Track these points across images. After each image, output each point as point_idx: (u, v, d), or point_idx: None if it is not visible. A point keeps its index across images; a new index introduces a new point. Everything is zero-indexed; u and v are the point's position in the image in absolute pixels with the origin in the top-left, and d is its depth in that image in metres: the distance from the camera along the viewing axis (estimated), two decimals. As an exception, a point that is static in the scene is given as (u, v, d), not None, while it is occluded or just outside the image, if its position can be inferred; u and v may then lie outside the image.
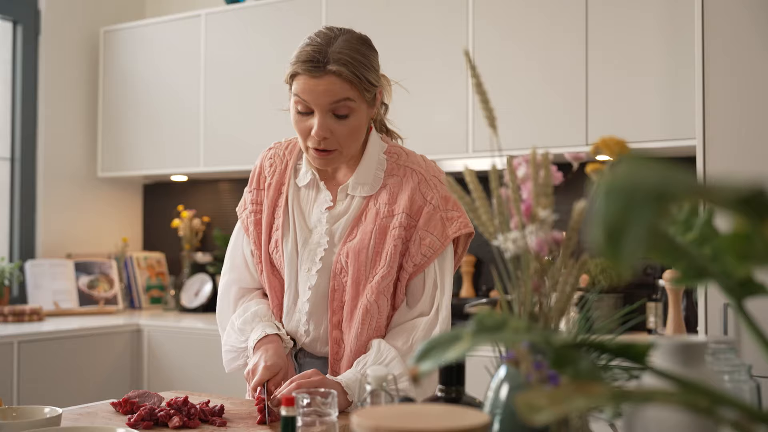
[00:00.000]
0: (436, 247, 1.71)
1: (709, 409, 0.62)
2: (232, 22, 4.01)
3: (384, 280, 1.70)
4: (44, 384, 3.43)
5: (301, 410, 1.24)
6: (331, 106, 1.66)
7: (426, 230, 1.71)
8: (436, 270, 1.73)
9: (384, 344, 1.69)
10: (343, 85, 1.64)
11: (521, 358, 0.87)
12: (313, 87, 1.64)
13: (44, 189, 4.24)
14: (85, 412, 1.61)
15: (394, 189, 1.74)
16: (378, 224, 1.72)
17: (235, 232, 1.92)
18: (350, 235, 1.74)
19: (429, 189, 1.73)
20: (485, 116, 0.98)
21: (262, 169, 1.88)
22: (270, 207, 1.82)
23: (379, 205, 1.74)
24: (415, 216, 1.72)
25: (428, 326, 1.71)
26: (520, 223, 0.95)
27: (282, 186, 1.83)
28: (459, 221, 1.73)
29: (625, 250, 0.43)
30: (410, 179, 1.74)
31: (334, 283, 1.74)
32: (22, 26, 4.20)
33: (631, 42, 3.03)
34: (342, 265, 1.73)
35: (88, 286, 4.17)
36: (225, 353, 1.85)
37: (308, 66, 1.64)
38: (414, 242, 1.71)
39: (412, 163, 1.78)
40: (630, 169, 0.46)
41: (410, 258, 1.72)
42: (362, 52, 1.70)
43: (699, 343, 0.83)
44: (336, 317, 1.74)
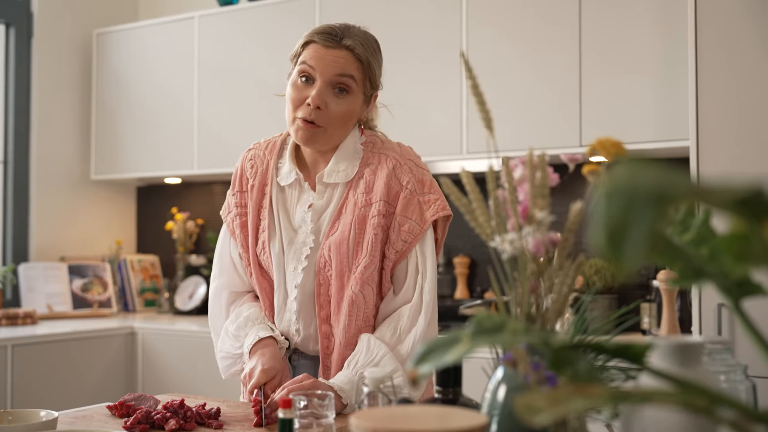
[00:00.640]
0: (416, 232, 1.72)
1: (708, 409, 0.62)
2: (226, 24, 4.01)
3: (367, 269, 1.71)
4: (39, 387, 3.42)
5: (299, 412, 1.24)
6: (335, 78, 1.70)
7: (404, 216, 1.71)
8: (417, 255, 1.73)
9: (373, 340, 1.69)
10: (353, 62, 1.71)
11: (519, 360, 0.87)
12: (324, 55, 1.70)
13: (37, 192, 4.23)
14: (81, 416, 1.61)
15: (369, 178, 1.75)
16: (357, 214, 1.73)
17: (221, 235, 1.92)
18: (332, 229, 1.75)
19: (404, 173, 1.74)
20: (482, 118, 0.99)
21: (243, 171, 1.87)
22: (255, 209, 1.82)
23: (357, 196, 1.74)
24: (393, 202, 1.72)
25: (413, 313, 1.71)
26: (517, 224, 0.95)
27: (265, 186, 1.83)
28: (437, 204, 1.74)
29: (627, 252, 0.44)
30: (385, 165, 1.75)
31: (319, 278, 1.74)
32: (15, 29, 4.19)
33: (625, 43, 3.04)
34: (326, 259, 1.73)
35: (81, 289, 4.16)
36: (221, 360, 1.85)
37: (325, 36, 1.71)
38: (393, 229, 1.72)
39: (386, 149, 1.78)
40: (630, 171, 0.46)
41: (391, 245, 1.72)
42: (375, 47, 1.78)
43: (696, 343, 0.84)
44: (324, 311, 1.75)
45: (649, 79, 2.99)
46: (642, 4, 3.01)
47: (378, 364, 1.65)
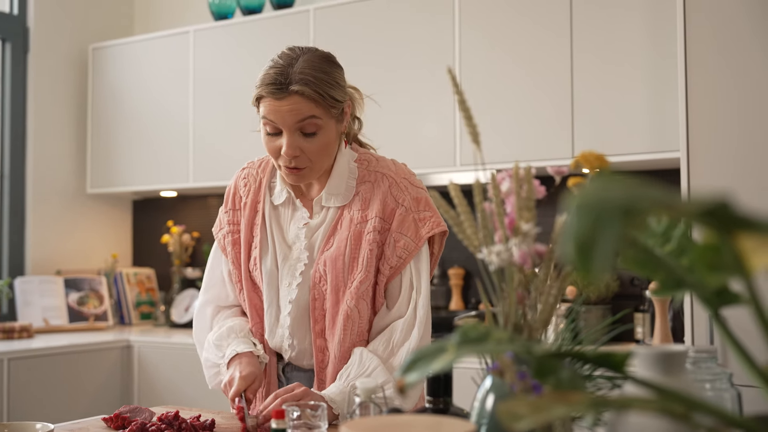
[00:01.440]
0: (411, 249, 1.74)
1: (685, 416, 0.64)
2: (221, 38, 4.03)
3: (362, 284, 1.73)
4: (35, 401, 3.43)
5: (291, 423, 1.25)
6: (297, 125, 1.68)
7: (399, 232, 1.74)
8: (412, 271, 1.76)
9: (365, 353, 1.71)
10: (307, 104, 1.67)
11: (505, 369, 0.89)
12: (278, 108, 1.68)
13: (33, 206, 4.25)
14: (77, 428, 1.62)
15: (366, 195, 1.77)
16: (352, 231, 1.75)
17: (213, 253, 1.95)
18: (327, 245, 1.77)
19: (400, 191, 1.76)
20: (469, 132, 1.01)
21: (236, 190, 1.91)
22: (247, 225, 1.85)
23: (352, 212, 1.77)
24: (388, 219, 1.75)
25: (406, 328, 1.73)
26: (504, 236, 0.97)
27: (257, 204, 1.86)
28: (431, 221, 1.76)
29: (596, 262, 0.45)
30: (381, 183, 1.77)
31: (314, 293, 1.76)
32: (11, 44, 4.21)
33: (616, 55, 3.07)
34: (321, 274, 1.76)
35: (77, 302, 4.17)
36: (207, 369, 1.87)
37: (272, 88, 1.68)
38: (389, 245, 1.74)
39: (382, 167, 1.80)
40: (599, 185, 0.48)
41: (386, 261, 1.75)
42: (324, 69, 1.72)
43: (678, 352, 0.85)
44: (318, 326, 1.77)
45: (640, 91, 3.02)
46: (633, 16, 3.04)
47: (370, 375, 1.66)
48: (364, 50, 3.61)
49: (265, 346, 1.83)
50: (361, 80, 3.57)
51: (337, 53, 3.62)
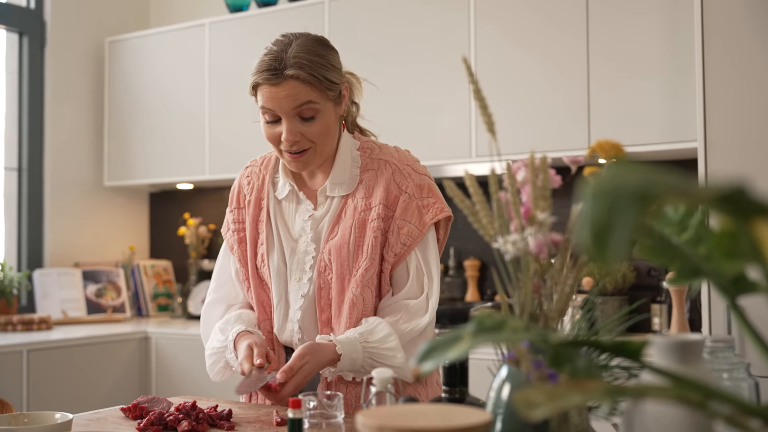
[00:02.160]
0: (415, 235, 1.75)
1: (702, 403, 0.64)
2: (236, 31, 4.04)
3: (367, 272, 1.74)
4: (53, 391, 3.46)
5: (308, 412, 1.26)
6: (295, 110, 1.69)
7: (403, 219, 1.74)
8: (419, 257, 1.76)
9: (371, 317, 1.73)
10: (303, 87, 1.68)
11: (521, 358, 0.89)
12: (275, 94, 1.68)
13: (51, 198, 4.28)
14: (95, 418, 1.64)
15: (369, 183, 1.78)
16: (356, 219, 1.76)
17: (222, 253, 1.96)
18: (331, 233, 1.78)
19: (403, 178, 1.77)
20: (484, 122, 1.01)
21: (240, 188, 1.92)
22: (252, 223, 1.86)
23: (356, 200, 1.77)
24: (392, 206, 1.75)
25: (417, 308, 1.74)
26: (520, 225, 0.97)
27: (261, 201, 1.86)
28: (435, 207, 1.77)
29: (611, 249, 0.45)
30: (384, 171, 1.77)
31: (319, 282, 1.77)
32: (28, 37, 4.24)
33: (632, 45, 3.05)
34: (326, 263, 1.76)
35: (95, 294, 4.20)
36: (208, 357, 1.87)
37: (267, 75, 1.68)
38: (392, 232, 1.75)
39: (385, 155, 1.81)
40: (614, 173, 0.48)
41: (390, 248, 1.75)
42: (318, 52, 1.72)
43: (695, 341, 0.85)
44: (325, 315, 1.78)
45: (656, 81, 3.00)
46: (649, 6, 3.02)
47: (374, 330, 1.69)
48: (379, 42, 3.61)
49: (274, 341, 1.84)
50: (376, 71, 3.58)
51: (352, 45, 3.64)
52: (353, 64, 3.64)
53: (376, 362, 1.68)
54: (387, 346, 1.68)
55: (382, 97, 3.56)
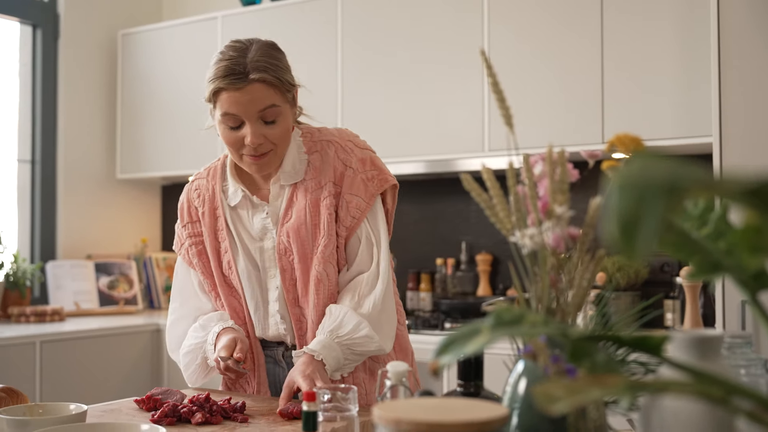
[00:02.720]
0: (363, 207, 1.79)
1: (723, 399, 0.64)
2: (249, 24, 4.04)
3: (327, 248, 1.77)
4: (66, 383, 3.48)
5: (322, 405, 1.26)
6: (259, 114, 1.70)
7: (350, 193, 1.78)
8: (369, 228, 1.80)
9: (334, 307, 1.76)
10: (267, 90, 1.69)
11: (539, 352, 0.88)
12: (239, 98, 1.68)
13: (64, 191, 4.29)
14: (109, 409, 1.64)
15: (315, 164, 1.81)
16: (309, 199, 1.78)
17: (178, 268, 1.95)
18: (286, 217, 1.80)
19: (346, 154, 1.80)
20: (502, 114, 1.00)
21: (190, 203, 1.92)
22: (210, 233, 1.87)
23: (306, 182, 1.80)
24: (339, 182, 1.79)
25: (371, 280, 1.78)
26: (537, 219, 0.97)
27: (216, 210, 1.87)
28: (379, 178, 1.81)
29: (639, 242, 0.45)
30: (328, 150, 1.81)
31: (282, 264, 1.79)
32: (42, 30, 4.25)
33: (647, 39, 3.03)
34: (285, 245, 1.79)
35: (108, 286, 4.21)
36: (183, 357, 1.86)
37: (230, 80, 1.68)
38: (342, 207, 1.78)
39: (325, 135, 1.84)
40: (642, 165, 0.48)
41: (341, 223, 1.79)
42: (275, 56, 1.74)
43: (714, 336, 0.84)
44: (291, 295, 1.80)
45: (671, 75, 2.98)
46: (665, 1, 3.00)
47: (342, 323, 1.71)
48: (391, 36, 3.60)
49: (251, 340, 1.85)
50: (388, 66, 3.57)
51: (365, 39, 3.64)
52: (365, 59, 3.65)
53: (354, 351, 1.72)
54: (360, 335, 1.72)
55: (393, 91, 3.55)
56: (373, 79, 3.63)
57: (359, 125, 3.54)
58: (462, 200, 3.82)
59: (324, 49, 3.75)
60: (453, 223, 3.86)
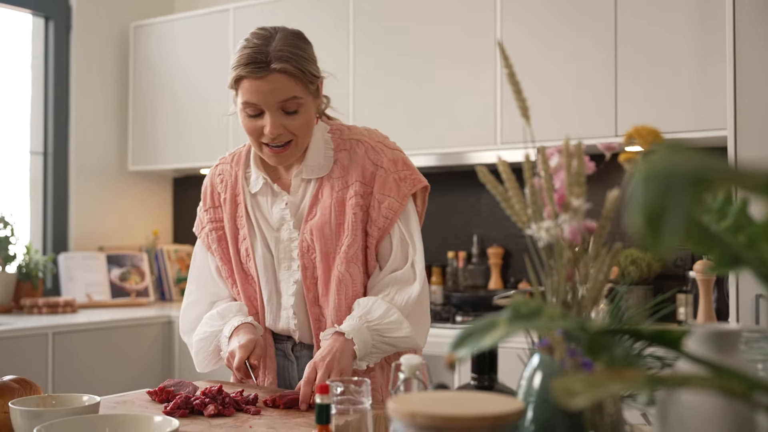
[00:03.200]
0: (396, 208, 1.77)
1: (745, 394, 0.63)
2: (261, 16, 4.03)
3: (351, 248, 1.75)
4: (78, 374, 3.49)
5: (335, 398, 1.25)
6: (280, 104, 1.69)
7: (383, 194, 1.76)
8: (402, 229, 1.78)
9: (363, 299, 1.75)
10: (288, 81, 1.67)
11: (555, 345, 0.87)
12: (260, 87, 1.67)
13: (76, 183, 4.30)
14: (121, 401, 1.64)
15: (343, 162, 1.79)
16: (335, 198, 1.77)
17: (197, 250, 1.95)
18: (310, 214, 1.79)
19: (377, 155, 1.78)
20: (518, 106, 0.99)
21: (213, 187, 1.92)
22: (231, 220, 1.86)
23: (332, 181, 1.78)
24: (369, 182, 1.77)
25: (405, 277, 1.76)
26: (554, 212, 0.96)
27: (237, 197, 1.86)
28: (411, 178, 1.80)
29: (665, 234, 0.44)
30: (357, 149, 1.79)
31: (303, 262, 1.78)
32: (54, 22, 4.25)
33: (661, 32, 3.01)
34: (308, 243, 1.78)
35: (119, 278, 4.23)
36: (196, 344, 1.86)
37: (252, 68, 1.67)
38: (374, 207, 1.76)
39: (355, 134, 1.82)
40: (667, 156, 0.47)
41: (373, 223, 1.77)
42: (300, 46, 1.72)
43: (733, 330, 0.84)
44: (311, 294, 1.79)
45: (685, 68, 2.96)
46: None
47: (371, 309, 1.70)
48: (404, 30, 3.58)
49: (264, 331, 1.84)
50: (400, 60, 3.56)
51: (377, 33, 3.63)
52: (377, 52, 3.64)
53: (384, 338, 1.70)
54: (390, 320, 1.70)
55: (406, 84, 3.54)
56: (384, 73, 3.62)
57: (370, 118, 3.53)
58: (473, 193, 3.81)
59: (336, 42, 3.74)
60: (464, 216, 3.85)
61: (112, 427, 1.32)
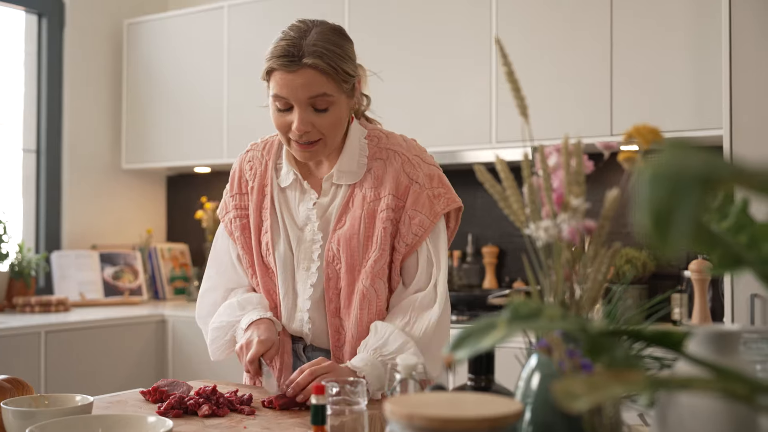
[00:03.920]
0: (426, 225, 1.72)
1: (748, 397, 0.62)
2: (255, 14, 4.02)
3: (377, 263, 1.71)
4: (71, 373, 3.47)
5: (331, 399, 1.24)
6: (309, 101, 1.65)
7: (414, 209, 1.71)
8: (429, 247, 1.73)
9: (381, 324, 1.69)
10: (320, 77, 1.63)
11: (554, 347, 0.87)
12: (290, 82, 1.64)
13: (69, 181, 4.28)
14: (115, 401, 1.63)
15: (378, 172, 1.74)
16: (366, 209, 1.72)
17: (219, 236, 1.91)
18: (339, 222, 1.74)
19: (413, 168, 1.74)
20: (517, 105, 0.98)
21: (242, 173, 1.87)
22: (256, 210, 1.82)
23: (364, 190, 1.74)
24: (402, 196, 1.72)
25: (427, 302, 1.71)
26: (552, 211, 0.95)
27: (264, 187, 1.82)
28: (446, 197, 1.75)
29: (673, 234, 0.43)
30: (393, 161, 1.74)
31: (328, 272, 1.74)
32: (47, 19, 4.23)
33: (657, 30, 3.01)
34: (334, 252, 1.73)
35: (113, 277, 4.21)
36: (212, 332, 1.83)
37: (284, 61, 1.64)
38: (404, 222, 1.72)
39: (393, 144, 1.77)
40: (674, 155, 0.46)
41: (401, 238, 1.72)
42: (337, 42, 1.68)
43: (734, 332, 0.83)
44: (333, 305, 1.75)
45: (681, 68, 2.96)
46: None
47: (387, 341, 1.65)
48: (399, 28, 3.57)
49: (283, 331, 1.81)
50: (396, 58, 3.55)
51: (372, 31, 3.62)
52: (373, 50, 3.63)
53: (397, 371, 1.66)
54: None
55: (401, 83, 3.53)
56: (379, 70, 3.60)
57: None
58: (468, 192, 3.80)
59: (330, 39, 3.72)
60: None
61: (105, 427, 1.30)
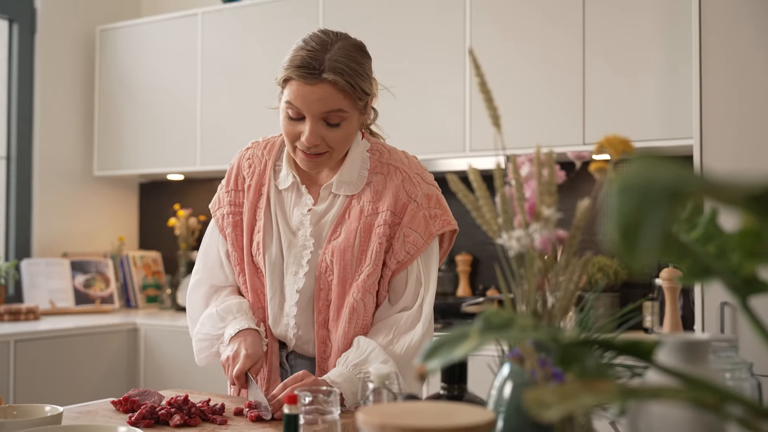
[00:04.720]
0: (420, 245, 1.72)
1: (717, 406, 0.63)
2: (229, 21, 4.01)
3: (369, 278, 1.71)
4: (41, 383, 3.43)
5: (304, 408, 1.24)
6: (323, 115, 1.64)
7: (410, 227, 1.71)
8: (420, 267, 1.73)
9: (363, 339, 1.69)
10: (337, 94, 1.62)
11: (527, 356, 0.87)
12: (307, 94, 1.62)
13: (40, 188, 4.24)
14: (85, 411, 1.61)
15: (378, 187, 1.74)
16: (363, 222, 1.72)
17: (210, 231, 1.90)
18: (334, 234, 1.74)
19: (413, 187, 1.73)
20: (489, 115, 0.99)
21: (239, 170, 1.86)
22: (251, 209, 1.81)
23: (362, 203, 1.74)
24: (399, 213, 1.72)
25: (411, 320, 1.71)
26: (524, 221, 0.96)
27: (262, 187, 1.81)
28: (442, 218, 1.75)
29: (641, 247, 0.44)
30: (394, 177, 1.74)
31: (319, 283, 1.73)
32: (18, 24, 4.19)
33: (629, 41, 3.04)
34: (327, 264, 1.73)
35: (84, 285, 4.17)
36: (197, 342, 1.83)
37: (303, 72, 1.62)
38: (398, 239, 1.72)
39: (395, 160, 1.77)
40: (643, 168, 0.47)
41: (393, 255, 1.72)
42: (358, 60, 1.67)
43: (703, 340, 0.84)
44: (322, 316, 1.74)
45: (652, 77, 2.99)
46: (646, 3, 3.01)
47: (368, 358, 1.64)
48: (373, 35, 3.58)
49: (267, 331, 1.81)
50: (371, 64, 3.55)
51: (348, 36, 3.54)
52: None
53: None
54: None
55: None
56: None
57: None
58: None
59: (305, 47, 3.72)
60: (433, 224, 3.85)
61: (74, 438, 1.29)
